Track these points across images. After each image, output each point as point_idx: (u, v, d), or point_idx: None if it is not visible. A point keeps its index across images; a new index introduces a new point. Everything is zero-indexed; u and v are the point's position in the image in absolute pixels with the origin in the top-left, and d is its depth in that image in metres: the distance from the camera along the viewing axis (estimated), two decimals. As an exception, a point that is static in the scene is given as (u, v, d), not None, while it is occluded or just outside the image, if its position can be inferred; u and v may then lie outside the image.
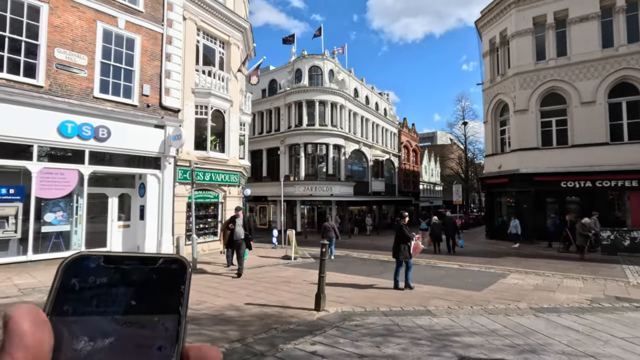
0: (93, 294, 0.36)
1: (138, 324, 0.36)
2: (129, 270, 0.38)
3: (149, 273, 0.38)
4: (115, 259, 0.38)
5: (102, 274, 0.37)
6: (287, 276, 9.39)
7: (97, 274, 0.37)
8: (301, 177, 27.62)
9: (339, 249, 16.81)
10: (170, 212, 12.00)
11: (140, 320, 0.36)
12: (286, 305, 6.18)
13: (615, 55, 17.45)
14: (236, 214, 9.47)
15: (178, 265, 0.39)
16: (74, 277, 0.36)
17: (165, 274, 0.39)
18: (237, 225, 9.20)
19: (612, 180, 17.17)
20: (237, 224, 9.23)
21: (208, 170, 13.54)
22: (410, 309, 6.01)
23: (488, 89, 22.44)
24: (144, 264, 0.39)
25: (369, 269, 11.22)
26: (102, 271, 0.37)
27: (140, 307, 0.37)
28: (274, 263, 12.19)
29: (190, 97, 13.10)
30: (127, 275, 0.38)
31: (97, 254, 0.38)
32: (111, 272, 0.37)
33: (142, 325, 0.36)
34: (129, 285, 0.37)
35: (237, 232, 9.14)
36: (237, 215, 9.40)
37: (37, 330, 0.30)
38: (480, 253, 15.50)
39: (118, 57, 11.01)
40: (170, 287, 0.38)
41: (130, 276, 0.38)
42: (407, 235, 7.72)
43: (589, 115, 17.87)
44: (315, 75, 28.89)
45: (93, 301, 0.36)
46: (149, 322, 0.36)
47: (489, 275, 9.79)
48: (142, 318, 0.36)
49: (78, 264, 0.37)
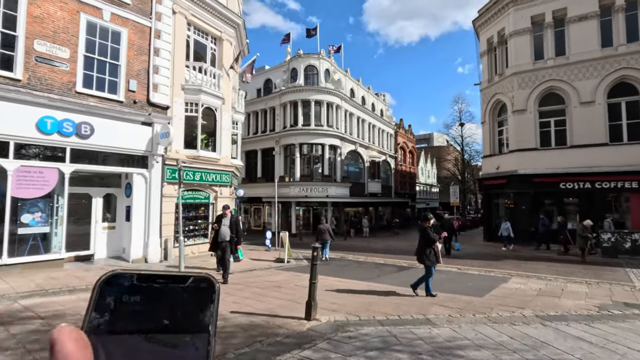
0: (127, 312, 0.37)
1: (171, 344, 0.36)
2: (160, 289, 0.39)
3: (179, 292, 0.39)
4: (147, 277, 0.39)
5: (135, 292, 0.38)
6: (278, 280, 8.93)
7: (131, 292, 0.38)
8: (296, 178, 27.17)
9: (334, 252, 16.38)
10: (157, 213, 11.49)
11: (172, 340, 0.36)
12: (275, 313, 5.72)
13: (615, 55, 17.20)
14: (223, 213, 8.85)
15: (207, 284, 0.40)
16: (109, 295, 0.37)
17: (195, 292, 0.39)
18: (222, 225, 8.55)
19: (612, 182, 16.88)
20: (223, 224, 8.57)
21: (198, 169, 13.06)
22: (408, 318, 5.58)
23: (486, 88, 22.14)
24: (175, 282, 0.39)
25: (365, 272, 10.78)
26: (135, 289, 0.38)
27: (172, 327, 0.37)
28: (265, 266, 11.73)
29: (179, 94, 12.63)
30: (159, 294, 0.38)
31: (130, 272, 0.39)
32: (143, 290, 0.38)
33: (174, 344, 0.36)
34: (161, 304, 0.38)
35: (222, 233, 8.46)
36: (224, 215, 8.78)
37: (80, 352, 0.32)
38: (478, 256, 15.12)
39: (103, 50, 10.52)
40: (200, 306, 0.39)
41: (161, 295, 0.38)
42: (432, 238, 7.13)
43: (588, 116, 17.60)
44: (311, 74, 28.50)
45: (128, 319, 0.37)
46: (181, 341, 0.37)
47: (489, 280, 9.39)
48: (175, 337, 0.37)
49: (112, 282, 0.38)
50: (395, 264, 12.68)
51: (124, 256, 11.25)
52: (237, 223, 8.90)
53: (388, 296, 7.25)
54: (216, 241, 8.53)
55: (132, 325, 0.36)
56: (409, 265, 12.30)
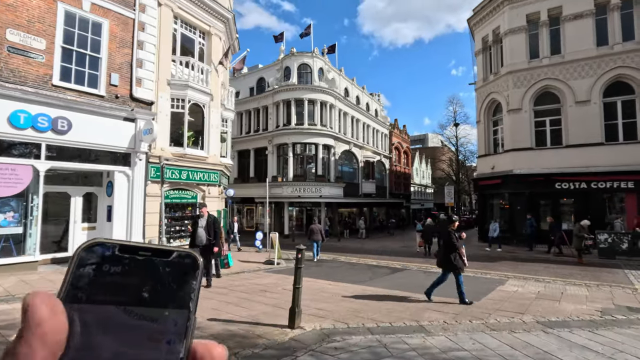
0: (107, 283, 0.36)
1: (149, 317, 0.36)
2: (142, 262, 0.38)
3: (162, 266, 0.38)
4: (130, 249, 0.38)
5: (116, 263, 0.37)
6: (265, 284, 8.48)
7: (112, 262, 0.37)
8: (289, 178, 26.72)
9: (327, 253, 15.98)
10: (140, 213, 10.98)
11: (151, 313, 0.36)
12: (257, 320, 5.28)
13: (610, 54, 17.03)
14: (199, 213, 8.06)
15: (191, 260, 0.39)
16: (88, 264, 0.36)
17: (177, 268, 0.39)
18: (199, 227, 7.68)
19: (608, 182, 16.68)
20: (200, 226, 7.69)
21: (185, 168, 12.57)
22: (400, 325, 5.17)
23: (481, 88, 21.90)
24: (158, 256, 0.38)
25: (357, 274, 10.37)
26: (116, 260, 0.37)
27: (152, 300, 0.37)
28: (254, 268, 11.28)
29: (165, 89, 12.14)
30: (141, 266, 0.38)
31: (112, 242, 0.38)
32: (125, 261, 0.37)
33: (153, 318, 0.36)
34: (142, 277, 0.37)
35: (199, 235, 7.61)
36: (201, 215, 7.93)
37: (54, 318, 0.31)
38: (474, 257, 14.76)
39: (82, 42, 10.01)
40: (182, 281, 0.38)
41: (143, 267, 0.38)
42: (456, 244, 6.55)
43: (583, 115, 17.40)
44: (305, 73, 28.09)
45: (106, 290, 0.36)
46: (160, 315, 0.36)
47: (485, 282, 9.04)
48: (154, 311, 0.36)
49: (94, 250, 0.37)
50: (388, 265, 12.30)
51: (104, 258, 10.70)
52: (216, 224, 8.04)
53: (380, 300, 6.85)
54: (193, 245, 7.63)
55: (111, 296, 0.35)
56: (403, 267, 11.93)
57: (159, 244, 0.41)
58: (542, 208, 18.94)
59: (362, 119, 34.39)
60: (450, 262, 6.51)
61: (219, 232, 8.11)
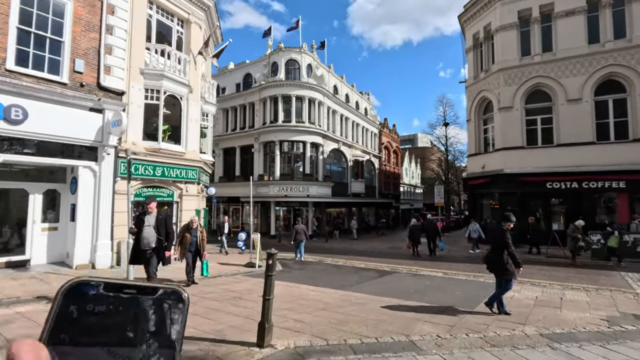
0: (91, 323, 0.35)
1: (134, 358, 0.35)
2: (127, 300, 0.37)
3: (147, 303, 0.37)
4: (115, 287, 0.37)
5: (100, 302, 0.36)
6: (241, 290, 7.73)
7: (96, 301, 0.36)
8: (276, 176, 25.93)
9: (313, 254, 15.29)
10: (108, 212, 10.09)
11: (136, 354, 0.35)
12: (222, 337, 4.54)
13: (602, 51, 16.75)
14: (145, 209, 6.61)
15: (176, 297, 0.38)
16: (72, 303, 0.35)
17: (163, 305, 0.37)
18: (145, 226, 6.32)
19: (599, 181, 16.39)
20: (147, 224, 6.34)
21: (160, 164, 11.70)
22: (388, 340, 4.50)
23: (471, 85, 21.50)
24: (143, 293, 0.37)
25: (342, 278, 9.70)
26: (100, 298, 0.36)
27: (137, 340, 0.35)
28: (233, 272, 10.50)
29: (138, 79, 11.25)
30: (126, 305, 0.36)
31: (97, 280, 0.37)
32: (110, 300, 0.36)
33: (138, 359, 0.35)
34: (127, 316, 0.36)
35: (146, 237, 6.16)
36: (148, 211, 6.51)
37: None
38: (464, 259, 14.29)
39: (42, 24, 9.08)
40: (168, 320, 0.37)
41: (128, 306, 0.36)
42: (510, 246, 5.74)
43: (575, 114, 17.10)
44: (293, 69, 27.34)
45: (91, 331, 0.35)
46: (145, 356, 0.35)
47: (479, 287, 8.46)
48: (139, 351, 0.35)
49: (77, 289, 0.36)
50: (377, 268, 11.67)
51: (67, 261, 9.81)
52: (168, 223, 6.76)
53: (366, 309, 6.17)
54: (137, 249, 6.31)
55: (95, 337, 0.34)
56: (392, 269, 11.30)
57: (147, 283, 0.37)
58: (533, 208, 18.64)
59: (352, 117, 33.80)
60: (502, 266, 5.69)
61: (172, 232, 6.79)
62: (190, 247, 7.95)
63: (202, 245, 8.23)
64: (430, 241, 15.84)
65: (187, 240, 7.87)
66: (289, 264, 12.82)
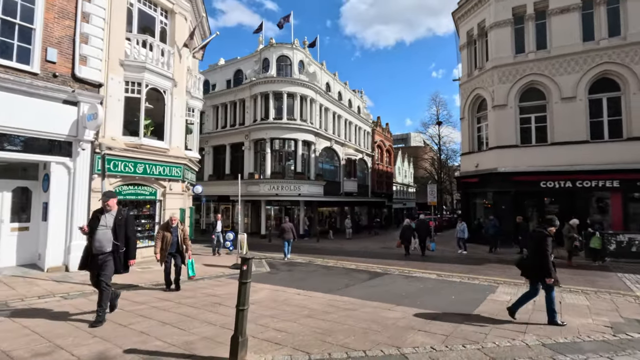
0: None
1: None
2: None
3: None
4: None
5: None
6: (222, 294, 7.24)
7: None
8: (267, 175, 25.40)
9: (303, 255, 14.87)
10: (84, 211, 9.49)
11: None
12: (191, 350, 4.06)
13: (596, 49, 16.57)
14: (103, 206, 5.22)
15: None
16: None
17: None
18: (100, 227, 5.04)
19: (593, 181, 16.21)
20: (103, 225, 5.06)
21: (141, 160, 11.12)
22: (377, 354, 4.06)
23: (465, 83, 21.22)
24: None
25: (332, 281, 9.26)
26: None
27: None
28: (218, 274, 9.99)
29: (117, 71, 10.66)
30: None
31: None
32: None
33: None
34: None
35: (98, 239, 4.97)
36: (106, 209, 5.18)
37: None
38: (458, 260, 13.96)
39: (10, 9, 8.45)
40: None
41: None
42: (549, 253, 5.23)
43: (569, 112, 16.90)
44: (284, 65, 26.81)
45: None
46: None
47: (474, 289, 8.08)
48: None
49: None
50: (368, 269, 11.26)
51: (39, 263, 9.19)
52: (129, 224, 5.36)
53: (354, 316, 5.74)
54: (89, 253, 5.08)
55: None
56: (383, 271, 10.90)
57: None
58: (527, 207, 18.44)
59: (344, 115, 33.38)
60: (545, 271, 5.20)
61: (133, 237, 5.41)
62: (171, 248, 7.38)
63: (185, 245, 7.69)
64: (421, 241, 15.68)
65: (168, 241, 7.30)
66: (277, 265, 12.35)
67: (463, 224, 16.56)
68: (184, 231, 7.67)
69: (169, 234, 7.36)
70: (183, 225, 7.76)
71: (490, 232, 16.20)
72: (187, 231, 7.80)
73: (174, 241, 7.41)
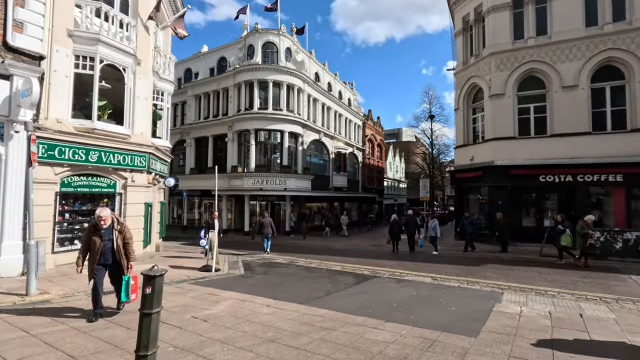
0: None
1: None
2: None
3: None
4: None
5: None
6: (173, 308, 5.92)
7: None
8: (251, 168, 23.99)
9: (286, 254, 13.61)
10: (19, 205, 8.02)
11: None
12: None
13: (600, 35, 15.52)
14: None
15: None
16: None
17: None
18: None
19: (595, 174, 15.25)
20: None
21: (95, 147, 9.67)
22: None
23: (460, 72, 20.07)
24: None
25: (312, 286, 8.01)
26: None
27: None
28: (181, 278, 8.65)
29: (65, 42, 9.16)
30: None
31: None
32: None
33: None
34: None
35: None
36: None
37: None
38: (454, 259, 12.84)
39: None
40: None
41: None
42: None
43: (570, 101, 15.86)
44: (270, 52, 25.32)
45: None
46: None
47: (476, 297, 6.92)
48: None
49: None
50: (354, 271, 10.03)
51: (-37, 268, 7.74)
52: None
53: (332, 340, 4.49)
54: None
55: None
56: (372, 272, 9.69)
57: None
58: (524, 203, 17.46)
59: (334, 107, 32.05)
60: None
61: None
62: (103, 258, 5.21)
63: (126, 253, 5.42)
64: (410, 237, 14.97)
65: (97, 248, 5.16)
66: (254, 266, 11.07)
67: (435, 221, 14.92)
68: (123, 233, 5.41)
69: (98, 238, 5.18)
70: (122, 225, 5.51)
71: (467, 230, 15.01)
72: (128, 233, 5.52)
73: (107, 248, 5.23)
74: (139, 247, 11.04)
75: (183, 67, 30.51)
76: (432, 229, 14.63)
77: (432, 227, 14.69)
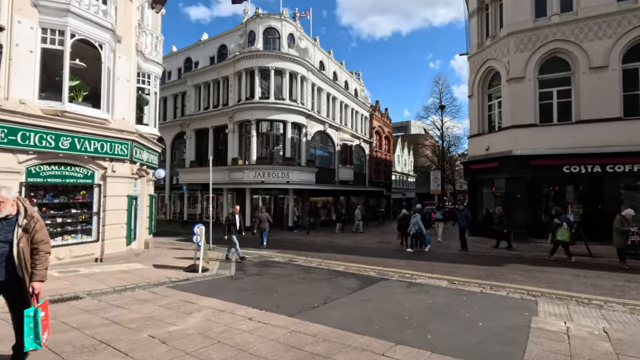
0: None
1: None
2: None
3: None
4: None
5: None
6: (132, 321, 4.82)
7: None
8: (252, 160, 22.88)
9: (285, 251, 12.53)
10: (-26, 198, 7.02)
11: None
12: None
13: (634, 9, 13.96)
14: None
15: None
16: None
17: None
18: None
19: (627, 164, 13.80)
20: None
21: (66, 133, 8.61)
22: None
23: (475, 55, 18.59)
24: None
25: (308, 291, 6.87)
26: None
27: None
28: (160, 280, 7.58)
29: (28, 12, 8.08)
30: None
31: None
32: None
33: None
34: None
35: None
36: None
37: None
38: (471, 258, 11.58)
39: None
40: None
41: None
42: None
43: (599, 84, 14.37)
44: (272, 39, 24.05)
45: None
46: None
47: (505, 308, 5.70)
48: None
49: None
50: (359, 272, 8.87)
51: None
52: None
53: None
54: None
55: None
56: (379, 274, 8.51)
57: None
58: (544, 197, 16.07)
59: (340, 97, 30.71)
60: None
61: None
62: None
63: (34, 264, 3.14)
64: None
65: None
66: (247, 265, 9.99)
67: (417, 216, 13.31)
68: (31, 232, 3.16)
69: None
70: (32, 219, 3.22)
71: (461, 224, 13.65)
72: (40, 233, 3.22)
73: (2, 252, 3.06)
74: (122, 245, 10.04)
75: (183, 56, 29.47)
76: (415, 225, 13.12)
77: (414, 222, 13.16)
